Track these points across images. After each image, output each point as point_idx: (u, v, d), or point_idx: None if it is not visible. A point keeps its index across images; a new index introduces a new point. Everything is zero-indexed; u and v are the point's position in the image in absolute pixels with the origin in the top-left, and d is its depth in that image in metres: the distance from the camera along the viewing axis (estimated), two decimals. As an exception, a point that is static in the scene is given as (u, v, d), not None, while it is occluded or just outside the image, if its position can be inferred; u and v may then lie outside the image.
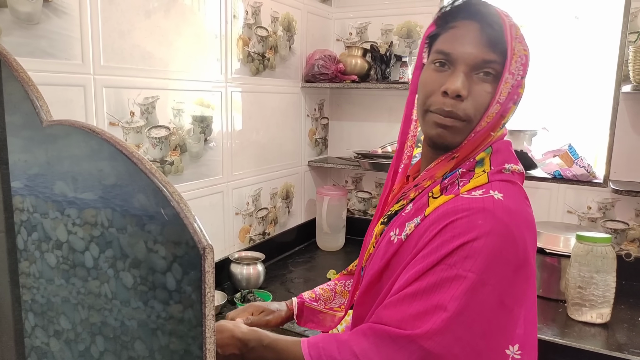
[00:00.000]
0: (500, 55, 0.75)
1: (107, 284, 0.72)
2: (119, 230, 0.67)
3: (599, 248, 1.33)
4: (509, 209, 0.70)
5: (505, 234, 0.68)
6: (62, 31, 1.03)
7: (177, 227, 0.57)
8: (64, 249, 0.74)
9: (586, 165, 1.67)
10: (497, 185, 0.74)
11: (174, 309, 0.62)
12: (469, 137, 0.77)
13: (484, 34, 0.75)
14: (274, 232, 1.86)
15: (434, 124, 0.78)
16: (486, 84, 0.76)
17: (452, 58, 0.76)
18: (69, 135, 0.68)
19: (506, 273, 0.68)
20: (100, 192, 0.66)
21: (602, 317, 1.35)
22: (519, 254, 0.69)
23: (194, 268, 0.58)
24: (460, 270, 0.67)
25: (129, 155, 0.59)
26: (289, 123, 1.89)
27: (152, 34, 1.24)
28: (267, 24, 1.69)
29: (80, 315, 0.76)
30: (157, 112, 1.28)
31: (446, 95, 0.75)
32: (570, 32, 1.80)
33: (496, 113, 0.76)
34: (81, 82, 1.08)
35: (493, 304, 0.67)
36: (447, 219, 0.71)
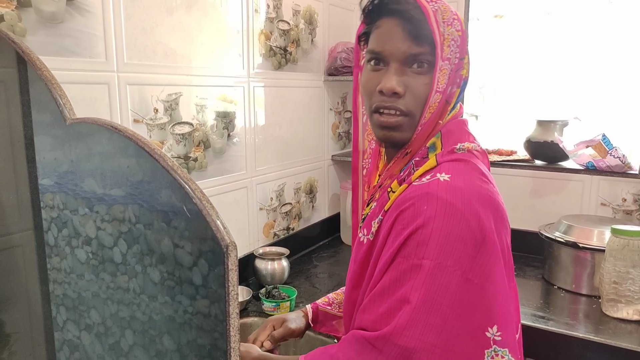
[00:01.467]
0: (429, 45, 0.74)
1: (135, 279, 0.72)
2: (146, 226, 0.67)
3: (635, 242, 1.28)
4: (454, 187, 0.70)
5: (453, 213, 0.67)
6: (85, 29, 1.03)
7: (199, 225, 0.56)
8: (93, 244, 0.75)
9: (621, 156, 1.61)
10: (445, 166, 0.74)
11: (201, 303, 0.61)
12: (416, 131, 0.78)
13: (407, 28, 0.74)
14: (298, 227, 1.85)
15: (379, 125, 0.79)
16: (422, 76, 0.75)
17: (382, 56, 0.77)
18: (94, 133, 0.68)
19: (464, 251, 0.67)
20: (128, 189, 0.66)
21: (639, 314, 1.30)
22: (474, 230, 0.67)
23: (220, 263, 0.58)
24: (415, 259, 0.67)
25: (150, 152, 0.59)
26: (312, 117, 1.87)
27: (174, 31, 1.24)
28: (289, 18, 1.67)
29: (110, 309, 0.77)
30: (180, 108, 1.28)
31: (383, 94, 0.76)
32: (604, 17, 1.72)
33: (439, 102, 0.76)
34: (105, 79, 1.09)
35: (457, 284, 0.66)
36: (397, 210, 0.72)
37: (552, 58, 1.86)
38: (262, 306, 1.37)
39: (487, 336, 0.67)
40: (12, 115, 0.85)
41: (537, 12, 1.86)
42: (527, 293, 1.51)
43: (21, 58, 0.81)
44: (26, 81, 0.83)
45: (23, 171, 0.87)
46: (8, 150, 0.86)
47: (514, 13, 1.91)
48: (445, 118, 0.79)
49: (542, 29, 1.86)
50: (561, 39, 1.82)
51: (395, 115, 0.77)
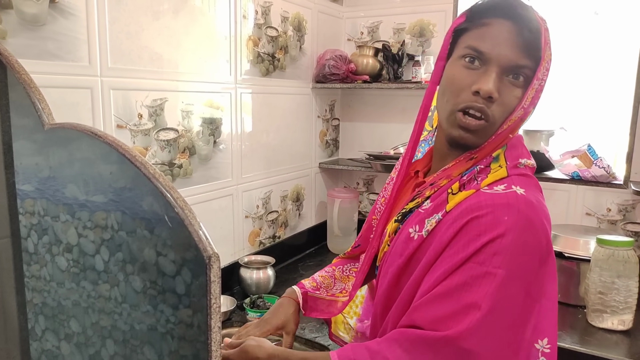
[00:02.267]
0: (533, 61, 0.74)
1: (117, 287, 0.70)
2: (129, 234, 0.65)
3: (620, 252, 1.28)
4: (531, 202, 0.71)
5: (529, 228, 0.69)
6: (68, 33, 1.01)
7: (181, 234, 0.54)
8: (75, 252, 0.73)
9: (606, 166, 1.62)
10: (517, 179, 0.75)
11: (183, 313, 0.60)
12: (489, 140, 0.77)
13: (522, 37, 0.73)
14: (284, 235, 1.83)
15: (458, 125, 0.77)
16: (515, 89, 0.75)
17: (485, 57, 0.74)
18: (73, 139, 0.66)
19: (531, 266, 0.69)
20: (110, 195, 0.64)
21: (624, 324, 1.30)
22: (542, 246, 0.70)
23: (204, 272, 0.56)
24: (490, 268, 0.68)
25: (131, 159, 0.57)
26: (300, 124, 1.86)
27: (160, 35, 1.22)
28: (277, 24, 1.66)
29: (91, 318, 0.74)
30: (165, 114, 1.26)
31: (477, 94, 0.74)
32: (590, 29, 1.75)
33: (518, 117, 0.76)
34: (88, 84, 1.07)
35: (520, 297, 0.68)
36: (471, 215, 0.71)
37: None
38: (246, 316, 1.35)
39: (537, 348, 0.69)
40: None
41: (523, 23, 1.87)
42: (514, 303, 1.50)
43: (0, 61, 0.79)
44: (5, 85, 0.80)
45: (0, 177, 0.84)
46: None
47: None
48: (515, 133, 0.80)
49: (528, 39, 1.87)
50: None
51: (479, 119, 0.75)
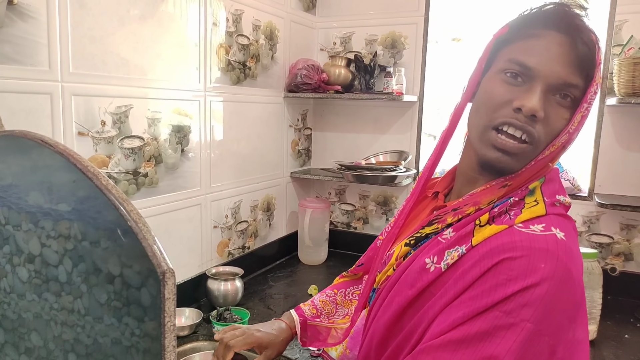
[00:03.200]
0: (583, 80, 0.66)
1: (80, 299, 0.67)
2: (92, 244, 0.62)
3: (586, 264, 1.30)
4: (571, 251, 0.63)
5: (567, 280, 0.61)
6: (27, 36, 0.97)
7: (134, 249, 0.52)
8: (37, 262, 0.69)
9: (571, 179, 1.66)
10: (557, 220, 0.66)
11: (149, 326, 0.57)
12: (528, 165, 0.68)
13: (575, 53, 0.65)
14: (254, 246, 1.80)
15: (494, 145, 0.68)
16: (563, 109, 0.66)
17: (531, 73, 0.66)
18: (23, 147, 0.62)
19: (563, 322, 0.61)
20: (74, 204, 0.61)
21: (589, 335, 1.32)
22: (577, 302, 0.62)
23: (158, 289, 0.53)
24: (518, 320, 0.59)
25: (83, 169, 0.54)
26: (271, 133, 1.84)
27: (127, 41, 1.19)
28: (249, 32, 1.65)
29: (53, 331, 0.71)
30: (130, 121, 1.22)
31: (519, 111, 0.65)
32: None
33: (562, 143, 0.67)
34: (48, 89, 1.03)
35: (545, 355, 0.60)
36: (502, 255, 0.62)
37: (507, 82, 1.91)
38: (212, 329, 1.32)
39: None
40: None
41: (493, 37, 1.91)
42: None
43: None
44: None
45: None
46: None
47: (471, 36, 1.95)
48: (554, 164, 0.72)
49: (497, 53, 1.91)
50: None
51: (521, 141, 0.67)
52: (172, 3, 1.31)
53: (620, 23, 1.58)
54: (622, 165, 1.63)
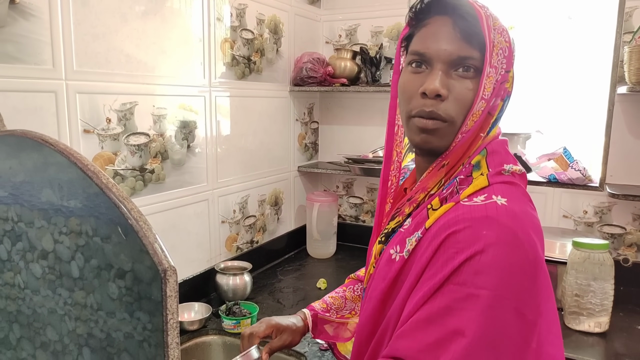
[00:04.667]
0: (478, 50, 0.70)
1: (92, 294, 0.68)
2: (104, 240, 0.62)
3: (596, 255, 1.28)
4: (514, 213, 0.65)
5: (514, 242, 0.63)
6: (30, 35, 0.98)
7: (135, 248, 0.52)
8: (50, 258, 0.70)
9: (582, 169, 1.63)
10: (499, 188, 0.69)
11: (161, 320, 0.58)
12: (455, 140, 0.72)
13: (458, 28, 0.70)
14: (262, 240, 1.80)
15: (417, 129, 0.73)
16: (467, 81, 0.70)
17: (427, 57, 0.71)
18: (24, 146, 0.63)
19: (522, 283, 0.62)
20: (85, 201, 0.62)
21: (601, 326, 1.30)
22: (531, 261, 0.63)
23: (160, 287, 0.54)
24: (472, 289, 0.61)
25: (83, 168, 0.54)
26: (278, 128, 1.84)
27: (130, 38, 1.19)
28: (253, 27, 1.64)
29: (67, 326, 0.71)
30: (135, 118, 1.22)
31: (425, 96, 0.70)
32: (564, 33, 1.76)
33: (482, 110, 0.71)
34: (52, 87, 1.03)
35: (513, 319, 0.61)
36: (448, 231, 0.65)
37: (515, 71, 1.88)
38: (222, 324, 1.32)
39: None
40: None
41: (500, 26, 1.88)
42: (492, 306, 1.50)
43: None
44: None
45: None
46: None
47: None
48: (487, 132, 0.75)
49: (505, 42, 1.87)
50: (524, 53, 1.84)
51: (435, 118, 0.71)
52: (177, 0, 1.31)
53: (631, 10, 1.55)
54: (634, 154, 1.61)
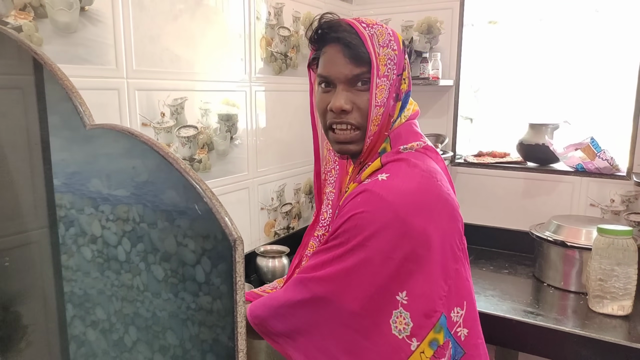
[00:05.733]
0: (367, 66, 0.84)
1: (139, 276, 0.77)
2: (150, 225, 0.72)
3: (620, 241, 1.34)
4: (389, 185, 0.81)
5: (383, 205, 0.79)
6: (97, 38, 1.09)
7: (209, 222, 0.62)
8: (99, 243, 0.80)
9: (609, 158, 1.67)
10: (387, 167, 0.85)
11: (204, 300, 0.65)
12: (365, 143, 0.88)
13: (348, 52, 0.84)
14: (297, 226, 1.91)
15: (334, 141, 0.90)
16: (365, 93, 0.86)
17: (330, 79, 0.87)
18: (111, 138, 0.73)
19: (389, 237, 0.78)
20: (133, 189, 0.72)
21: (624, 310, 1.36)
22: (400, 219, 0.78)
23: (223, 260, 0.63)
24: (343, 238, 0.81)
25: (165, 155, 0.64)
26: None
27: (179, 38, 1.30)
28: (289, 24, 1.73)
29: (115, 306, 0.81)
30: (185, 112, 1.34)
31: (333, 112, 0.87)
32: (591, 26, 1.79)
33: (381, 115, 0.86)
34: (115, 85, 1.15)
35: (378, 260, 0.79)
36: (344, 203, 0.85)
37: (543, 63, 1.92)
38: (263, 302, 1.43)
39: (397, 299, 0.80)
40: (29, 119, 0.90)
41: (529, 19, 1.92)
42: (518, 290, 1.56)
43: (38, 65, 0.87)
44: (42, 87, 0.88)
45: (39, 172, 0.92)
46: (25, 152, 0.91)
47: (507, 19, 1.97)
48: (393, 127, 0.90)
49: (534, 34, 1.92)
50: (552, 45, 1.88)
51: (347, 129, 0.88)
52: (219, 2, 1.41)
53: (660, 1, 1.57)
54: (661, 144, 1.63)
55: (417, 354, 0.80)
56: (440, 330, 0.82)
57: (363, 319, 0.81)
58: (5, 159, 0.95)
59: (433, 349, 0.81)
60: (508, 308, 1.43)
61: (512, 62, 1.99)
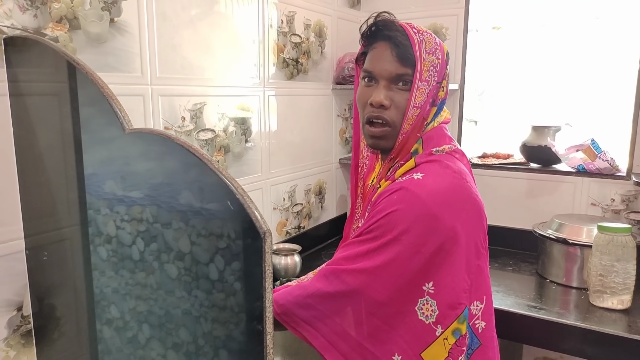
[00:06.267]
0: (412, 68, 0.91)
1: (152, 275, 0.81)
2: (164, 226, 0.77)
3: (619, 238, 1.39)
4: (423, 183, 0.87)
5: (417, 202, 0.85)
6: (125, 48, 1.16)
7: (242, 216, 0.68)
8: (113, 243, 0.85)
9: (609, 159, 1.73)
10: (422, 167, 0.91)
11: (217, 297, 0.69)
12: (397, 140, 0.94)
13: (396, 52, 0.91)
14: (308, 226, 1.98)
15: (368, 136, 0.97)
16: (405, 93, 0.92)
17: (374, 75, 0.94)
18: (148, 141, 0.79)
19: (421, 232, 0.84)
20: (146, 190, 0.77)
21: (623, 304, 1.42)
22: (433, 216, 0.85)
23: (236, 259, 0.68)
24: (378, 232, 0.87)
25: (200, 156, 0.71)
26: (321, 123, 2.00)
27: (198, 46, 1.37)
28: (300, 31, 1.80)
29: (128, 304, 0.85)
30: (204, 116, 1.41)
31: (372, 106, 0.93)
32: (592, 32, 1.85)
33: (416, 116, 0.92)
34: (141, 92, 1.22)
35: (408, 254, 0.85)
36: (378, 199, 0.90)
37: (545, 67, 1.98)
38: (277, 297, 1.50)
39: (423, 289, 0.86)
40: (63, 124, 0.97)
41: (532, 24, 1.98)
42: (522, 286, 1.62)
43: (72, 73, 0.94)
44: (76, 94, 0.95)
45: (72, 173, 0.98)
46: (60, 154, 0.98)
47: (510, 25, 2.03)
48: (426, 130, 0.96)
49: (537, 40, 1.98)
50: (554, 50, 1.94)
51: (381, 125, 0.93)
52: (235, 12, 1.48)
53: (658, 7, 1.63)
54: (660, 145, 1.69)
55: (440, 340, 0.86)
56: (463, 322, 0.88)
57: (389, 308, 0.87)
58: (42, 160, 1.02)
59: (456, 338, 0.87)
60: (512, 303, 1.49)
61: (515, 66, 2.05)
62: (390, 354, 0.87)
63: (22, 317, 1.01)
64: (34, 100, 0.97)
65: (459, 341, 0.88)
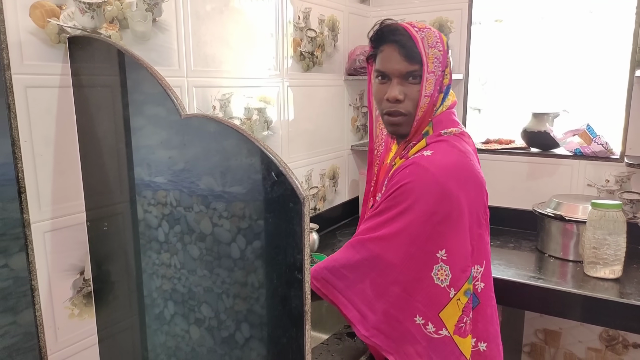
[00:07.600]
0: (419, 63, 1.03)
1: (176, 255, 0.91)
2: (186, 209, 0.87)
3: (610, 213, 1.52)
4: (432, 160, 1.00)
5: (427, 176, 0.98)
6: (165, 44, 1.30)
7: (285, 184, 0.82)
8: (142, 225, 0.95)
9: (604, 143, 1.85)
10: (432, 146, 1.04)
11: (238, 275, 0.79)
12: (413, 126, 1.07)
13: (404, 52, 1.03)
14: (323, 208, 2.12)
15: (389, 124, 1.11)
16: (416, 86, 1.05)
17: (387, 74, 1.07)
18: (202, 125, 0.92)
19: (430, 201, 0.97)
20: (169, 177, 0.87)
21: (614, 273, 1.55)
22: (442, 188, 0.97)
23: (257, 238, 0.79)
24: (393, 202, 1.00)
25: (248, 136, 0.85)
26: (334, 112, 2.13)
27: (225, 42, 1.50)
28: (315, 26, 1.93)
29: (155, 283, 0.95)
30: (232, 105, 1.55)
31: (389, 101, 1.06)
32: (586, 24, 1.97)
33: (427, 104, 1.05)
34: (178, 83, 1.36)
35: (420, 221, 0.96)
36: (395, 174, 1.03)
37: (544, 57, 2.11)
38: (298, 270, 1.64)
39: (437, 256, 0.98)
40: (116, 111, 1.10)
41: (532, 17, 2.10)
42: (523, 260, 1.76)
43: (122, 67, 1.07)
44: (125, 85, 1.08)
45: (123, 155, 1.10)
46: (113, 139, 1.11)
47: (512, 17, 2.15)
48: (436, 113, 1.09)
49: (536, 31, 2.10)
50: (553, 41, 2.06)
51: (399, 115, 1.07)
52: (256, 10, 1.61)
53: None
54: (651, 129, 1.81)
55: (454, 301, 0.99)
56: (471, 282, 1.01)
57: (406, 276, 0.99)
58: (100, 144, 1.15)
59: (467, 297, 1.00)
60: (513, 274, 1.63)
61: (516, 56, 2.17)
62: (412, 317, 1.00)
63: (84, 280, 1.16)
64: (93, 91, 1.11)
65: (470, 300, 1.01)
